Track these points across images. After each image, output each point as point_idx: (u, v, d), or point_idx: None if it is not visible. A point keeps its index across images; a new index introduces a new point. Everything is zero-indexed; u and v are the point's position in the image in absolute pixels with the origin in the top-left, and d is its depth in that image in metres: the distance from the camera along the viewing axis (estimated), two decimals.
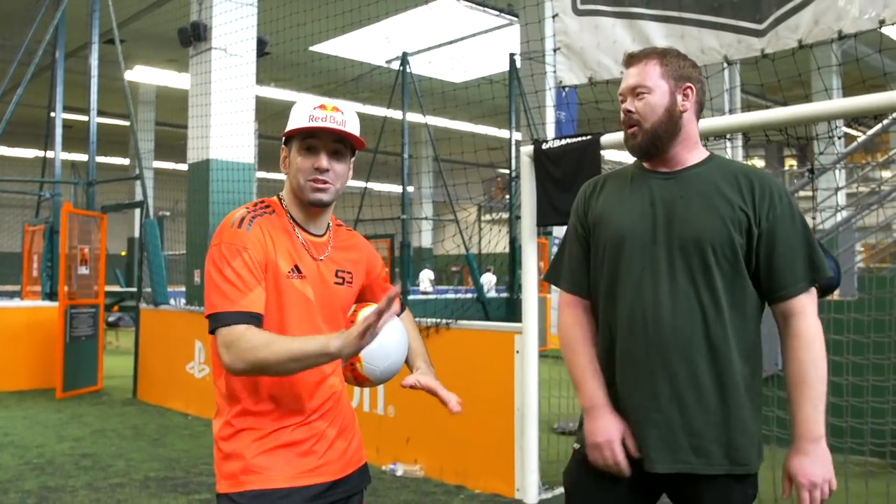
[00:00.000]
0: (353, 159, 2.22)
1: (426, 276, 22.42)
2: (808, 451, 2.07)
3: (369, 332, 1.80)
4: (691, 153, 2.21)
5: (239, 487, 2.03)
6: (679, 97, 2.18)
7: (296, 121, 2.11)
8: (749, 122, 4.41)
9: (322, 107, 2.10)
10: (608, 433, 2.14)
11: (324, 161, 2.10)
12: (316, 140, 2.10)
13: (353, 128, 2.13)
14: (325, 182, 2.11)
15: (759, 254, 2.10)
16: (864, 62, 4.62)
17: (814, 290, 2.14)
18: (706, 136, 4.77)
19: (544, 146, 5.09)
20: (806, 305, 2.12)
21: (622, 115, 2.23)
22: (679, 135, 2.19)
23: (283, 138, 2.18)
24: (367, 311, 2.21)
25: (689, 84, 2.20)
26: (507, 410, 5.25)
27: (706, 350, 2.08)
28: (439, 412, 2.10)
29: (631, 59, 2.24)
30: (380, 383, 2.26)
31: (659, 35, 4.66)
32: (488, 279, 18.48)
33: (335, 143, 2.12)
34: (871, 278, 5.65)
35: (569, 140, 5.01)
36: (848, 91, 4.50)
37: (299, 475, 2.06)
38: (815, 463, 2.05)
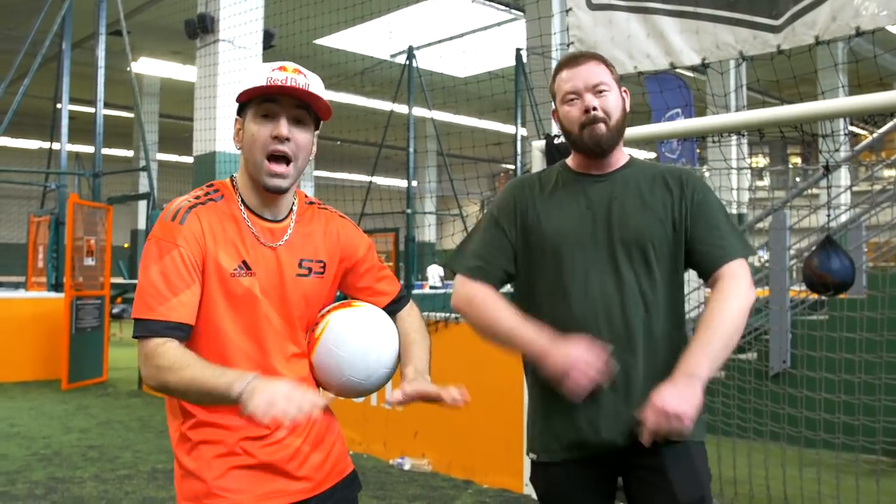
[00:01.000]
0: (316, 133, 1.94)
1: (435, 272, 22.31)
2: (676, 381, 1.98)
3: (275, 412, 1.55)
4: (620, 155, 2.27)
5: None
6: (625, 100, 2.24)
7: (250, 82, 1.83)
8: (755, 120, 4.41)
9: (282, 68, 1.83)
10: (577, 351, 2.04)
11: (283, 128, 1.81)
12: (275, 105, 1.82)
13: (318, 93, 1.85)
14: (284, 159, 1.84)
15: (690, 241, 2.18)
16: (871, 60, 4.62)
17: (744, 261, 2.16)
18: (712, 134, 4.76)
19: (556, 140, 5.08)
20: (736, 270, 2.13)
21: (580, 113, 2.16)
22: (622, 136, 2.24)
23: (237, 107, 1.90)
24: (336, 316, 1.99)
25: (625, 88, 2.26)
26: (515, 405, 5.23)
27: (651, 340, 2.14)
28: (447, 406, 1.93)
29: (576, 60, 2.22)
30: (346, 397, 2.05)
31: (673, 30, 4.64)
32: None
33: (297, 108, 1.84)
34: (885, 276, 5.64)
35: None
36: (854, 90, 4.49)
37: (269, 495, 1.87)
38: (677, 394, 1.94)
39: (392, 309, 2.12)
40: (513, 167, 18.60)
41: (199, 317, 1.84)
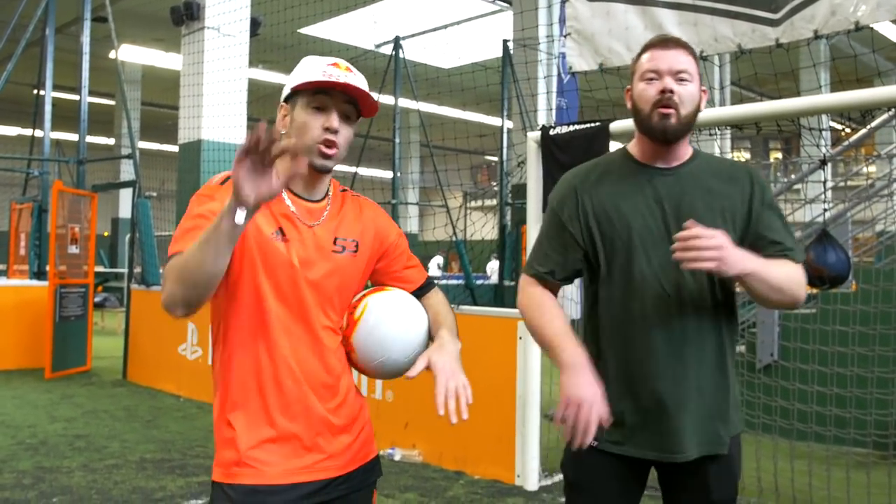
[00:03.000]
0: (355, 126, 2.06)
1: (434, 262, 22.22)
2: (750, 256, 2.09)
3: (251, 153, 1.60)
4: (686, 148, 2.25)
5: (231, 479, 1.91)
6: (702, 97, 2.21)
7: (306, 75, 1.94)
8: (740, 115, 4.45)
9: (335, 64, 1.95)
10: (594, 389, 2.03)
11: (335, 121, 1.93)
12: (328, 98, 1.94)
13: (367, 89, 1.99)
14: (334, 144, 1.95)
15: (754, 240, 2.17)
16: (851, 58, 4.65)
17: (801, 267, 2.20)
18: (703, 128, 4.78)
19: (552, 132, 5.07)
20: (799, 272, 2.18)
21: (656, 93, 2.13)
22: (689, 131, 2.21)
23: (284, 95, 2.01)
24: (374, 299, 2.07)
25: (704, 87, 2.23)
26: (508, 396, 5.24)
27: (717, 341, 2.17)
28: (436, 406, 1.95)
29: (665, 43, 2.19)
30: (381, 378, 2.11)
31: (672, 22, 4.64)
32: (493, 267, 17.99)
33: (346, 103, 1.96)
34: (879, 271, 5.69)
35: (577, 126, 4.99)
36: (835, 86, 4.54)
37: (296, 471, 1.95)
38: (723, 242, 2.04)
39: (419, 294, 2.19)
40: (496, 159, 18.60)
41: (238, 278, 1.93)
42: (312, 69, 1.94)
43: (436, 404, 1.89)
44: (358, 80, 1.95)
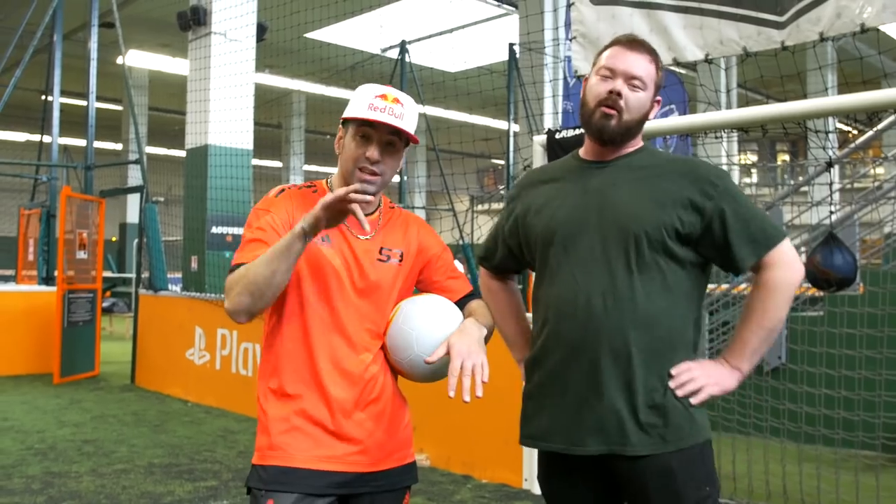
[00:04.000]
0: (406, 150, 2.19)
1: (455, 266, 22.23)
2: (724, 364, 2.12)
3: (336, 202, 1.88)
4: (630, 147, 2.21)
5: (264, 461, 2.07)
6: (653, 106, 2.19)
7: (355, 106, 2.10)
8: (746, 118, 4.45)
9: (383, 96, 2.08)
10: None
11: (375, 153, 2.08)
12: (371, 129, 2.08)
13: (411, 121, 2.11)
14: (373, 174, 2.10)
15: (711, 232, 2.07)
16: (857, 60, 4.65)
17: (777, 249, 2.08)
18: (709, 131, 4.78)
19: (557, 136, 5.07)
20: (775, 261, 2.08)
21: (604, 92, 2.12)
22: (634, 139, 2.19)
23: (342, 119, 2.17)
24: (407, 302, 2.19)
25: (659, 98, 2.21)
26: (514, 399, 5.21)
27: (638, 332, 2.04)
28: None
29: (634, 45, 2.16)
30: (419, 378, 2.17)
31: (677, 26, 4.63)
32: None
33: (390, 134, 2.10)
34: (886, 273, 5.67)
35: (582, 130, 4.99)
36: (842, 88, 4.54)
37: (326, 458, 2.05)
38: (723, 374, 2.11)
39: (462, 303, 2.30)
40: (503, 163, 18.59)
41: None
42: (362, 100, 2.09)
43: (448, 386, 1.97)
44: (403, 112, 2.09)
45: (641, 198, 2.09)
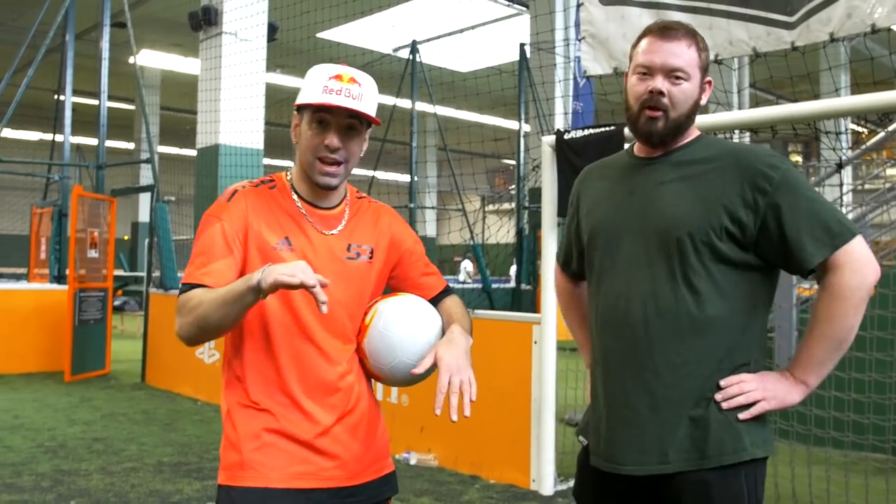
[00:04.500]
0: (368, 131, 2.03)
1: (464, 267, 22.15)
2: (787, 377, 1.93)
3: (296, 271, 1.69)
4: (685, 138, 2.05)
5: (234, 482, 1.91)
6: (702, 92, 2.02)
7: (309, 90, 1.93)
8: (757, 119, 4.43)
9: (338, 77, 1.91)
10: None
11: (335, 140, 1.93)
12: (328, 114, 1.92)
13: (370, 102, 1.94)
14: (334, 163, 1.95)
15: (767, 231, 1.89)
16: (868, 60, 4.63)
17: (845, 249, 1.85)
18: (714, 132, 4.77)
19: (566, 136, 5.07)
20: (842, 262, 1.85)
21: (645, 92, 1.96)
22: (689, 129, 2.04)
23: (295, 106, 2.01)
24: (384, 303, 2.05)
25: (709, 79, 2.04)
26: (523, 401, 5.24)
27: (682, 343, 1.91)
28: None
29: (668, 33, 1.97)
30: (397, 384, 2.08)
31: None
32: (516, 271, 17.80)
33: (349, 118, 1.93)
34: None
35: (591, 130, 5.00)
36: (854, 89, 4.50)
37: (301, 475, 1.92)
38: (784, 387, 1.92)
39: (436, 300, 2.17)
40: (513, 163, 18.57)
41: None
42: (315, 83, 1.92)
43: (434, 402, 1.82)
44: (361, 92, 1.93)
45: (685, 198, 1.94)
